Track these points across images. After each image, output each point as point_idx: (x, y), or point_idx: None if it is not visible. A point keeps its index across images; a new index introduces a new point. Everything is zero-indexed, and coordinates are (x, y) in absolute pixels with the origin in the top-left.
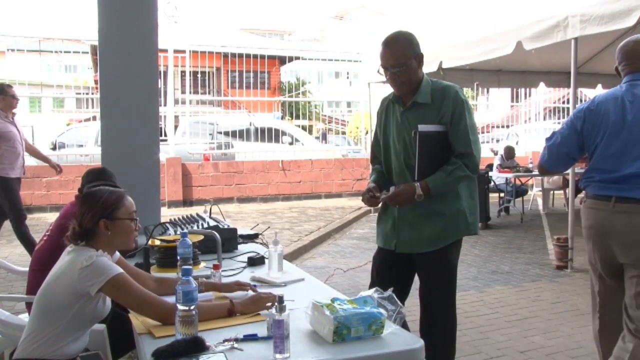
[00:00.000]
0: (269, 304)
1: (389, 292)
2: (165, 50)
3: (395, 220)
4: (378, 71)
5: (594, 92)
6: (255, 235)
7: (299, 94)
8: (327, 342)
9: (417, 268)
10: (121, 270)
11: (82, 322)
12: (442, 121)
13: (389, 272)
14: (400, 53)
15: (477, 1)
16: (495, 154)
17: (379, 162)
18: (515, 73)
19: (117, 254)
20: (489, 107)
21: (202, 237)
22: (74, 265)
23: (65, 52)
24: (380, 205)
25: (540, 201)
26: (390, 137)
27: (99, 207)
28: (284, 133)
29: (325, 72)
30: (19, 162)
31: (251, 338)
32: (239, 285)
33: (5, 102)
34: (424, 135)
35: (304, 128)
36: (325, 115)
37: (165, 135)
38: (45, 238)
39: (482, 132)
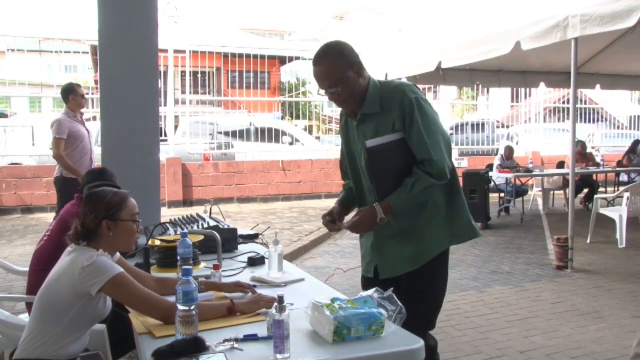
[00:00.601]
0: (270, 303)
1: (389, 292)
2: (165, 50)
3: (373, 242)
4: (318, 92)
5: (594, 92)
6: (255, 235)
7: (299, 94)
8: (327, 342)
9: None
10: (122, 270)
11: (82, 322)
12: (395, 128)
13: None
14: (332, 70)
15: (477, 1)
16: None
17: (349, 177)
18: (515, 73)
19: (117, 254)
20: (489, 107)
21: (202, 237)
22: (74, 265)
23: (65, 52)
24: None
25: (540, 201)
26: (355, 154)
27: (102, 208)
28: (284, 133)
29: None
30: (86, 162)
31: (251, 338)
32: (239, 286)
33: (75, 102)
34: (373, 150)
35: (304, 128)
36: (325, 115)
37: (165, 135)
38: (45, 238)
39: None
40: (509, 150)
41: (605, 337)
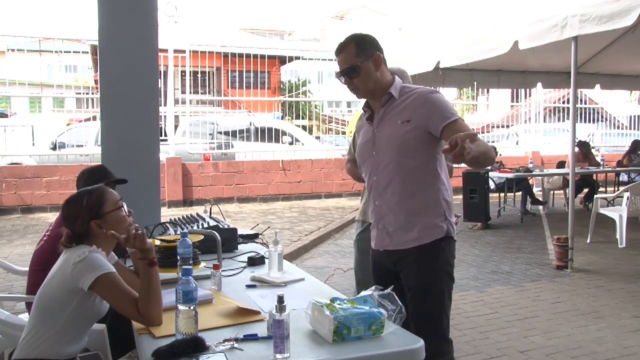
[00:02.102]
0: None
1: (389, 290)
2: (165, 50)
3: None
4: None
5: (594, 92)
6: (255, 235)
7: (299, 93)
8: (327, 342)
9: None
10: (113, 270)
11: (80, 321)
12: None
13: None
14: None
15: (476, 1)
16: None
17: None
18: (515, 73)
19: (114, 257)
20: (488, 107)
21: (202, 237)
22: (67, 262)
23: (65, 52)
24: None
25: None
26: None
27: (85, 211)
28: (284, 133)
29: (325, 72)
30: None
31: (251, 338)
32: None
33: None
34: None
35: (304, 128)
36: (325, 115)
37: (165, 135)
38: (45, 238)
39: (482, 132)
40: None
41: (605, 337)
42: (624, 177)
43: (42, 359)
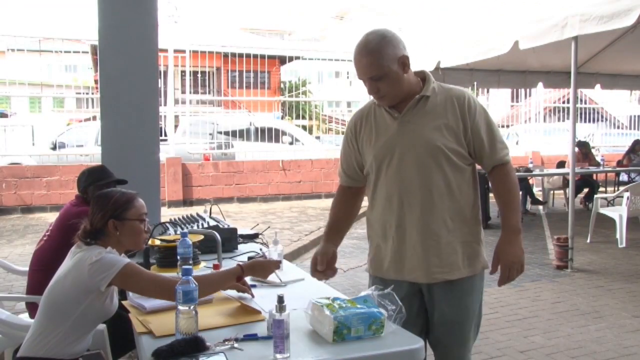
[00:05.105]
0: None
1: (389, 290)
2: (165, 50)
3: None
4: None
5: (594, 92)
6: (255, 235)
7: (299, 93)
8: (327, 341)
9: None
10: (129, 260)
11: (89, 320)
12: None
13: None
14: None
15: (476, 1)
16: None
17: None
18: (515, 73)
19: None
20: (489, 107)
21: (202, 237)
22: (82, 262)
23: (65, 52)
24: None
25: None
26: None
27: (110, 208)
28: (284, 133)
29: (325, 72)
30: None
31: (251, 338)
32: (237, 286)
33: None
34: None
35: (304, 128)
36: (325, 115)
37: (165, 135)
38: (45, 238)
39: None
40: None
41: (605, 337)
42: (624, 177)
43: (48, 358)
